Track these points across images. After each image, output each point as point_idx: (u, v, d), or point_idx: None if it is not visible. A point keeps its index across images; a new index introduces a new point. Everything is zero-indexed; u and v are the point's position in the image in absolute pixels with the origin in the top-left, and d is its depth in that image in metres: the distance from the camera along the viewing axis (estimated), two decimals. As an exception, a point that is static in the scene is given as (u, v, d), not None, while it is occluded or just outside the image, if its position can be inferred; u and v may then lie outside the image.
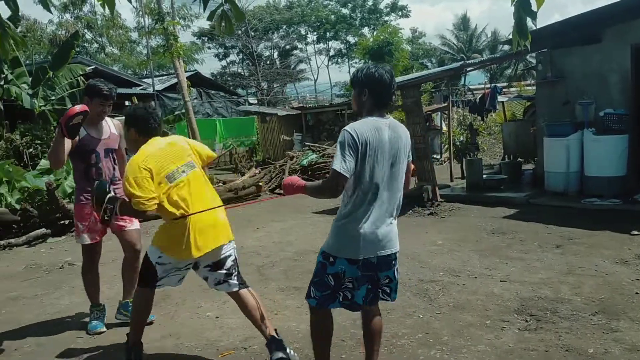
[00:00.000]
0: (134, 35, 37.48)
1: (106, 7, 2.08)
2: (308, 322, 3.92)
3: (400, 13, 47.78)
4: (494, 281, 4.65)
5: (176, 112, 17.52)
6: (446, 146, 14.24)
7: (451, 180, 10.60)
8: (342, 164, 2.61)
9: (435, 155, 15.28)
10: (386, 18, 47.13)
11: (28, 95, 12.80)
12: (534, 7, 2.21)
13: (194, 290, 4.92)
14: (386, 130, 2.71)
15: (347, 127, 2.69)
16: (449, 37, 49.02)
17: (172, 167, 3.27)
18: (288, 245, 6.46)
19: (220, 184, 11.23)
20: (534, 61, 10.23)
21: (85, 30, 33.70)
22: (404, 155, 2.81)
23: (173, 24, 11.29)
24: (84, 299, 4.90)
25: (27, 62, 14.56)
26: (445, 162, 14.55)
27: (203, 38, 43.12)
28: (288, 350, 3.34)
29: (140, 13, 21.45)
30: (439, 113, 16.32)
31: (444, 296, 4.34)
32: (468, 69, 9.59)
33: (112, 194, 3.43)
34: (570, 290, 4.27)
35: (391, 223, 2.82)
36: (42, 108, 12.99)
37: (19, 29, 12.41)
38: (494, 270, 4.98)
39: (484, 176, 9.33)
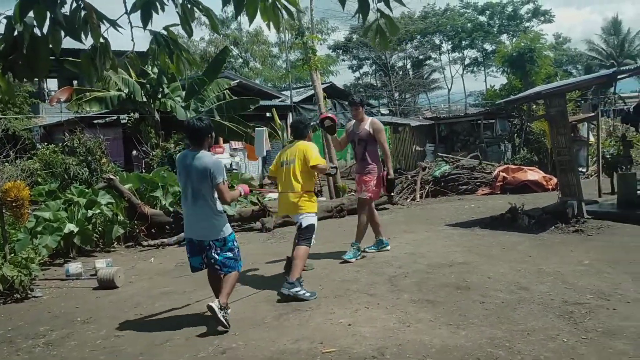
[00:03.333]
0: (275, 50, 39.57)
1: (271, 25, 2.24)
2: (442, 336, 3.89)
3: (542, 18, 45.26)
4: (650, 308, 4.22)
5: (312, 123, 18.14)
6: (594, 159, 13.18)
7: (599, 196, 9.80)
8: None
9: (581, 169, 14.19)
10: (527, 24, 44.89)
11: (181, 108, 14.06)
12: None
13: (328, 296, 5.05)
14: (191, 159, 4.41)
15: None
16: (597, 42, 45.39)
17: (285, 158, 5.70)
18: (421, 257, 6.38)
19: (353, 192, 11.41)
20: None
21: (232, 47, 36.24)
22: (202, 177, 4.35)
23: (312, 38, 11.73)
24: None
25: (180, 77, 15.99)
26: (592, 175, 13.47)
27: (338, 50, 44.24)
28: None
29: (282, 29, 22.58)
30: (585, 123, 15.16)
31: (592, 320, 4.02)
32: (621, 76, 8.80)
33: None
34: None
35: (203, 220, 4.45)
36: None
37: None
38: (651, 296, 4.52)
39: (639, 192, 8.48)
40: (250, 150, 16.60)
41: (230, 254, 4.52)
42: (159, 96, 14.25)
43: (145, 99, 13.96)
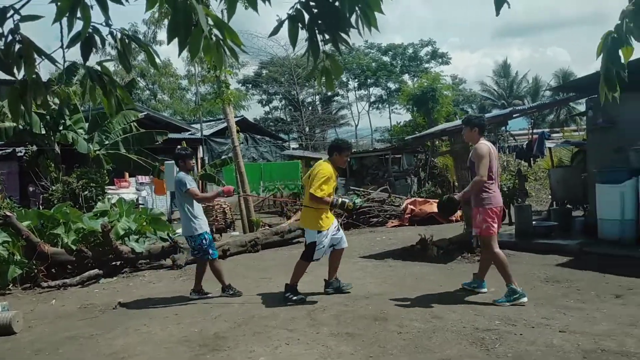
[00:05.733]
0: (184, 83, 38.97)
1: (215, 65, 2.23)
2: (363, 368, 3.90)
3: (440, 60, 48.23)
4: (552, 331, 4.52)
5: (223, 156, 17.98)
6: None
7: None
8: None
9: (480, 201, 15.08)
10: (426, 65, 47.60)
11: (84, 140, 13.41)
12: (622, 60, 2.22)
13: (246, 334, 4.95)
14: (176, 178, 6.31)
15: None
16: (489, 83, 49.14)
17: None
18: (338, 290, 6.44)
19: (267, 227, 11.36)
20: (577, 107, 10.09)
21: (139, 78, 35.22)
22: (177, 189, 6.25)
23: (225, 72, 11.72)
24: (138, 340, 5.01)
25: (84, 108, 15.29)
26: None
27: (247, 85, 44.44)
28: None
29: (190, 62, 22.34)
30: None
31: (502, 346, 4.24)
32: (515, 115, 9.56)
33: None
34: (635, 344, 4.10)
35: (183, 220, 6.36)
36: (97, 152, 13.56)
37: (75, 77, 13.20)
38: (552, 320, 4.84)
39: (534, 223, 9.14)
40: (158, 184, 16.09)
41: (199, 247, 6.35)
42: (60, 128, 13.51)
43: (44, 131, 13.18)
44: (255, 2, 2.09)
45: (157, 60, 2.29)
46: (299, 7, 2.11)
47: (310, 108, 46.63)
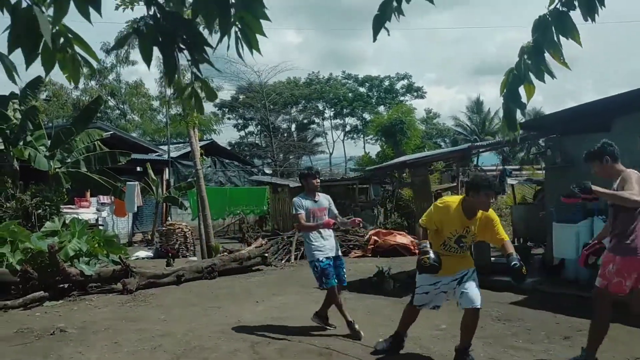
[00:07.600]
0: (156, 104, 38.61)
1: (72, 81, 2.09)
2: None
3: (415, 94, 48.93)
4: (496, 372, 4.43)
5: (189, 179, 17.76)
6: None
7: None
8: None
9: (445, 234, 15.09)
10: (402, 98, 48.20)
11: (45, 157, 13.09)
12: (523, 99, 2.19)
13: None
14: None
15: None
16: (462, 118, 49.85)
17: None
18: (287, 322, 6.27)
19: (226, 253, 11.13)
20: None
21: (109, 97, 34.77)
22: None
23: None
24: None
25: (49, 125, 14.99)
26: (455, 242, 14.34)
27: (224, 109, 44.34)
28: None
29: (163, 83, 22.21)
30: (450, 192, 16.29)
31: (443, 386, 4.12)
32: (475, 151, 9.62)
33: None
34: (576, 387, 4.03)
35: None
36: (57, 170, 13.23)
37: (44, 94, 13.00)
38: (498, 360, 4.75)
39: (492, 259, 9.12)
40: (119, 205, 15.73)
41: (315, 274, 5.87)
42: (21, 143, 13.17)
43: (3, 147, 12.83)
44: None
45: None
46: (149, 21, 1.97)
47: (285, 134, 46.66)
